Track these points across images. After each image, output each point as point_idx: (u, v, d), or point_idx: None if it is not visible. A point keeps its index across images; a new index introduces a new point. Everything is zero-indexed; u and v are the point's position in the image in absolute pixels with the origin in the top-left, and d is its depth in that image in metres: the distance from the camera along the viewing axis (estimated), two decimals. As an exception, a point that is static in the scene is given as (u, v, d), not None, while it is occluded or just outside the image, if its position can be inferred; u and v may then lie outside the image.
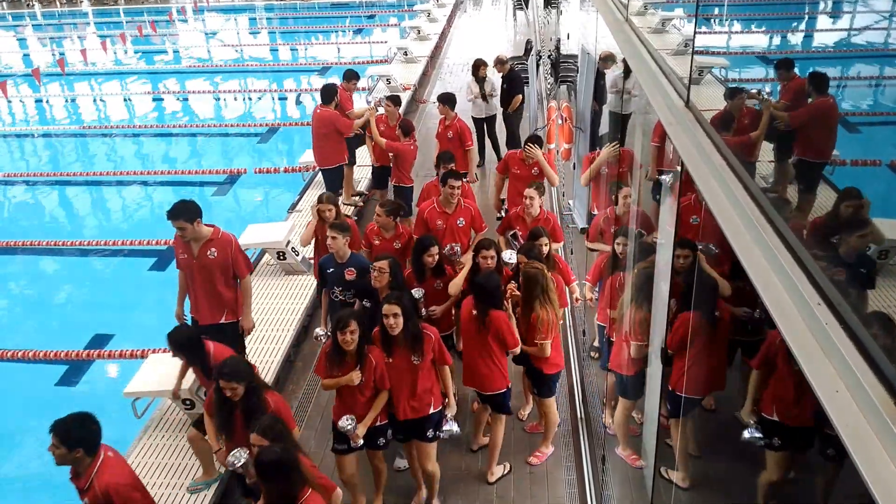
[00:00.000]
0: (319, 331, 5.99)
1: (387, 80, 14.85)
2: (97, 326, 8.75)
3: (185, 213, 6.28)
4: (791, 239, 2.32)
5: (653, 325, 4.02)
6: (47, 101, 18.26)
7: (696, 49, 3.60)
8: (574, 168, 9.17)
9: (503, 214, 8.24)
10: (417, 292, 5.88)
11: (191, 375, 6.10)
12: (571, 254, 8.75)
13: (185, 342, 5.41)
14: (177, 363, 6.57)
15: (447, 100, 9.36)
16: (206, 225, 6.39)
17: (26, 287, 10.25)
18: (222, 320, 6.40)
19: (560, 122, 9.21)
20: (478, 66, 10.82)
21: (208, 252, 6.31)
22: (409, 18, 20.25)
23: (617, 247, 5.58)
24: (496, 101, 10.97)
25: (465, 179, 9.08)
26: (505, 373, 5.58)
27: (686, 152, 3.21)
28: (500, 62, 11.08)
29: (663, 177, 3.67)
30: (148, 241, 10.27)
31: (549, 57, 13.97)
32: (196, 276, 6.42)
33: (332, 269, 6.23)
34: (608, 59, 6.71)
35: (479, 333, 5.43)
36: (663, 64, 4.34)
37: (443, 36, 20.32)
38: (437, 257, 6.09)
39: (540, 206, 6.79)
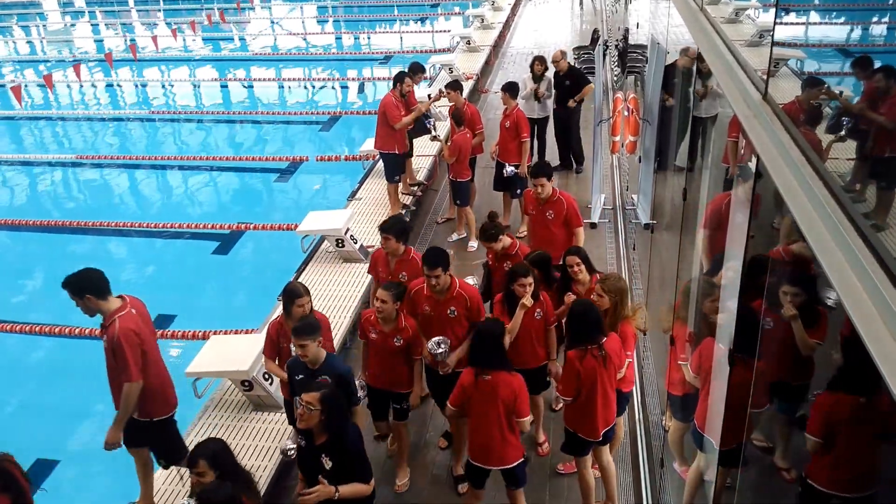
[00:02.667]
0: (289, 443, 5.10)
1: (449, 69, 14.78)
2: (160, 307, 8.86)
3: (71, 286, 5.40)
4: (874, 240, 2.18)
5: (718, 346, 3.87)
6: (118, 86, 18.76)
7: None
8: (639, 161, 8.97)
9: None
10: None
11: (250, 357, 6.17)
12: (634, 249, 8.58)
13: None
14: (239, 344, 6.69)
15: (510, 88, 9.25)
16: (114, 297, 5.41)
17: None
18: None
19: (626, 114, 9.01)
20: (533, 64, 10.42)
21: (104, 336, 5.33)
22: (472, 7, 20.12)
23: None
24: (551, 102, 10.58)
25: (516, 170, 9.05)
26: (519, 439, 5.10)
27: (763, 146, 3.08)
28: (556, 59, 10.56)
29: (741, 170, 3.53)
30: (212, 225, 10.45)
31: (616, 47, 13.71)
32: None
33: (301, 377, 5.02)
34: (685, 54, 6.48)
35: (490, 397, 4.85)
36: (739, 55, 4.18)
37: (507, 25, 20.11)
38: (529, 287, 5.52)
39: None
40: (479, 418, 4.91)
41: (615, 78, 12.54)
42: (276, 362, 5.69)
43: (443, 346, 5.42)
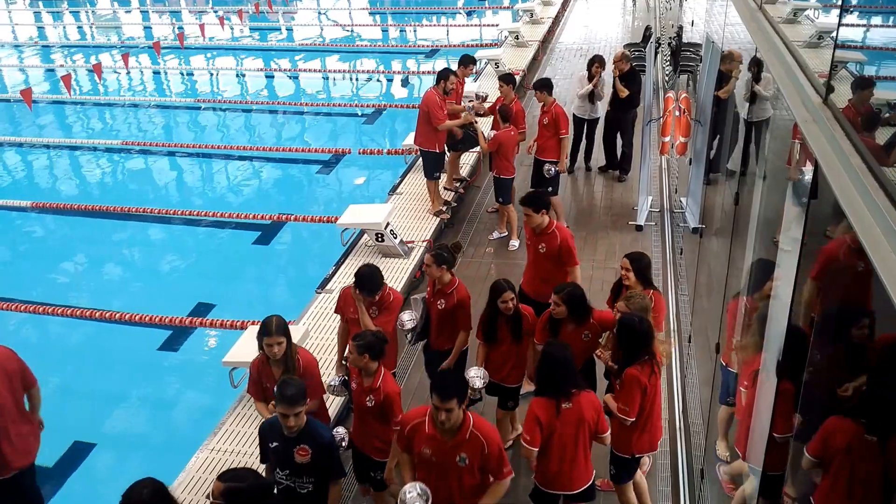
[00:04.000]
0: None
1: (495, 63, 14.62)
2: (200, 295, 8.96)
3: None
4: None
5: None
6: (165, 74, 18.96)
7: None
8: (690, 164, 8.74)
9: None
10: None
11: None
12: (681, 254, 8.36)
13: None
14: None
15: (544, 85, 9.06)
16: None
17: (136, 252, 10.63)
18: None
19: (677, 113, 8.76)
20: (592, 63, 10.08)
21: None
22: (522, 1, 19.85)
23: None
24: (603, 104, 10.37)
25: (556, 167, 8.89)
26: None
27: (822, 152, 2.90)
28: (620, 59, 10.20)
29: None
30: (253, 216, 10.46)
31: (668, 45, 13.41)
32: None
33: (276, 444, 4.44)
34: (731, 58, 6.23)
35: (577, 423, 4.63)
36: (799, 57, 3.98)
37: (556, 20, 19.83)
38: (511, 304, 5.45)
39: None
40: (562, 448, 4.66)
41: (667, 77, 12.25)
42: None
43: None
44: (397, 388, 4.97)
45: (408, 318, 5.98)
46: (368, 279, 5.60)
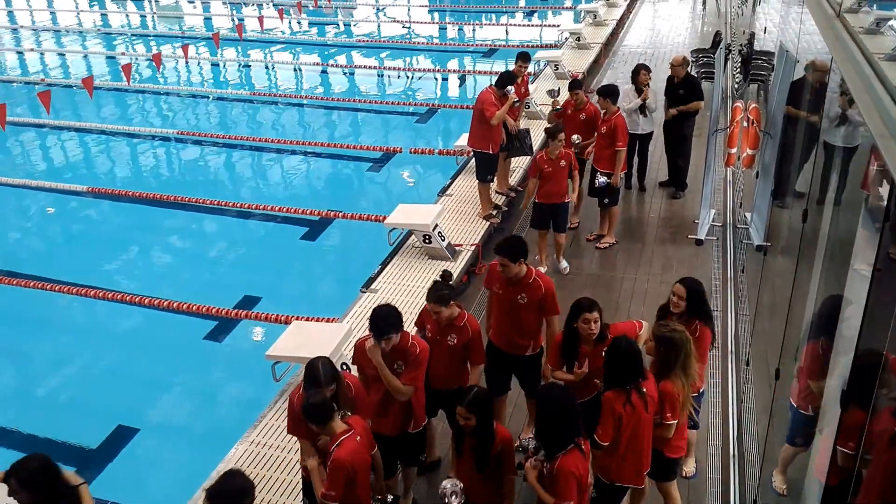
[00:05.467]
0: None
1: (554, 65, 14.36)
2: (247, 288, 8.95)
3: None
4: None
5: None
6: (223, 65, 19.13)
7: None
8: (756, 177, 8.39)
9: None
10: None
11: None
12: (743, 272, 8.03)
13: None
14: (320, 332, 6.54)
15: (609, 93, 8.78)
16: None
17: (186, 242, 10.68)
18: None
19: (745, 124, 8.42)
20: (638, 72, 9.58)
21: None
22: (585, 2, 19.53)
23: None
24: (656, 116, 9.95)
25: (609, 180, 8.61)
26: None
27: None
28: (677, 64, 9.81)
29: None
30: (302, 211, 10.40)
31: (739, 52, 12.99)
32: None
33: None
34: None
35: (648, 410, 4.57)
36: (879, 69, 3.70)
37: (620, 22, 19.46)
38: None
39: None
40: (634, 440, 4.58)
41: (736, 85, 11.86)
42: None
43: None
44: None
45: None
46: (380, 318, 4.77)
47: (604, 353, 4.92)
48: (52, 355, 8.18)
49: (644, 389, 4.54)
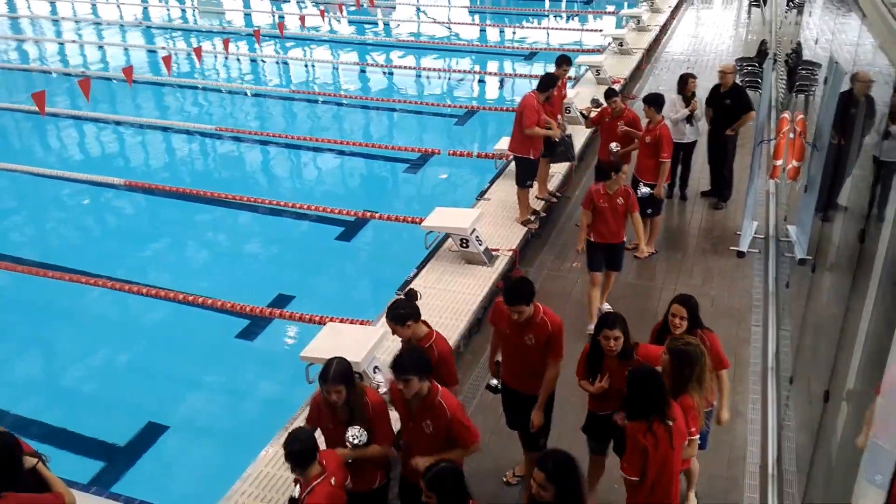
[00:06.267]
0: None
1: (596, 70, 14.17)
2: (280, 286, 8.90)
3: None
4: None
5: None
6: (262, 62, 19.20)
7: None
8: (805, 191, 8.14)
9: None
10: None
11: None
12: (787, 287, 7.80)
13: None
14: (354, 334, 6.48)
15: (654, 101, 8.60)
16: None
17: (221, 238, 10.67)
18: None
19: (791, 136, 8.18)
20: (685, 81, 9.47)
21: None
22: (628, 7, 19.31)
23: None
24: (699, 124, 9.79)
25: (652, 191, 8.44)
26: None
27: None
28: (727, 71, 9.62)
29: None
30: (338, 210, 10.33)
31: (785, 62, 12.70)
32: None
33: None
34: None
35: (675, 439, 4.38)
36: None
37: (664, 28, 19.20)
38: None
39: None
40: (662, 473, 4.37)
41: (781, 96, 11.58)
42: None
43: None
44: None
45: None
46: (405, 356, 4.53)
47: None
48: (84, 348, 8.18)
49: (671, 422, 4.31)
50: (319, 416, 4.69)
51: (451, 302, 7.76)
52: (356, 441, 4.46)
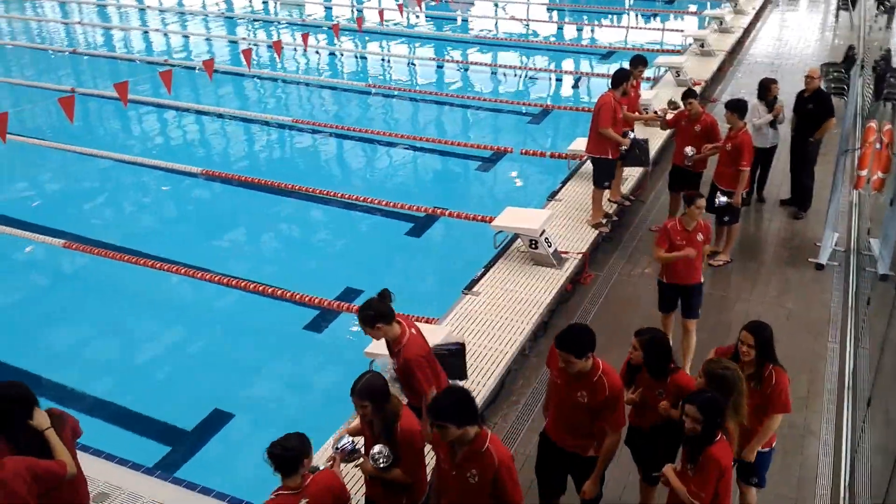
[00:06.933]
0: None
1: (675, 71, 13.85)
2: (348, 280, 8.96)
3: None
4: None
5: None
6: (341, 56, 19.43)
7: None
8: (891, 204, 7.79)
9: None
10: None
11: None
12: (868, 305, 7.48)
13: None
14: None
15: (737, 107, 8.30)
16: None
17: (293, 229, 10.86)
18: None
19: (878, 146, 7.82)
20: (767, 87, 9.23)
21: None
22: (711, 7, 18.80)
23: None
24: (781, 129, 9.49)
25: (730, 199, 8.18)
26: None
27: None
28: (813, 76, 9.31)
29: None
30: (409, 206, 10.38)
31: (873, 68, 12.18)
32: None
33: None
34: None
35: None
36: None
37: (748, 30, 18.64)
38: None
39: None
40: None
41: (868, 104, 11.10)
42: None
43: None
44: None
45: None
46: (442, 398, 4.08)
47: (659, 393, 4.80)
48: (157, 332, 8.42)
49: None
50: (362, 426, 4.60)
51: (517, 303, 7.71)
52: (380, 462, 4.25)
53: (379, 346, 6.36)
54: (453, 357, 5.83)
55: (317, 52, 19.42)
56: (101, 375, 7.63)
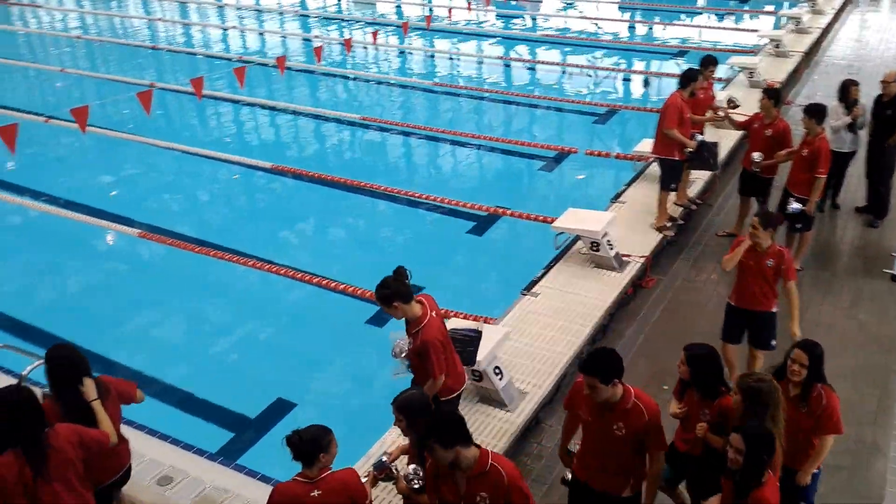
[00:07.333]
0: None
1: (749, 72, 13.51)
2: (411, 276, 9.03)
3: None
4: None
5: None
6: (409, 53, 19.58)
7: None
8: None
9: None
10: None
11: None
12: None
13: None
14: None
15: (815, 112, 7.98)
16: None
17: (359, 224, 10.98)
18: None
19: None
20: (848, 88, 8.88)
21: None
22: (788, 7, 18.25)
23: None
24: (863, 133, 9.16)
25: (803, 206, 7.88)
26: None
27: None
28: (889, 80, 8.94)
29: None
30: (471, 205, 10.43)
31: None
32: None
33: None
34: None
35: None
36: None
37: (826, 31, 18.03)
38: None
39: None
40: None
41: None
42: None
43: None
44: None
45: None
46: (438, 422, 3.97)
47: (703, 414, 4.65)
48: (226, 321, 8.65)
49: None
50: (409, 442, 4.61)
51: (576, 305, 7.68)
52: (413, 483, 4.17)
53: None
54: (469, 342, 5.81)
55: (386, 50, 19.61)
56: (171, 361, 7.88)
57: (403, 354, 5.05)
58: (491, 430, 6.17)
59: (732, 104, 9.32)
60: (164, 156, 12.90)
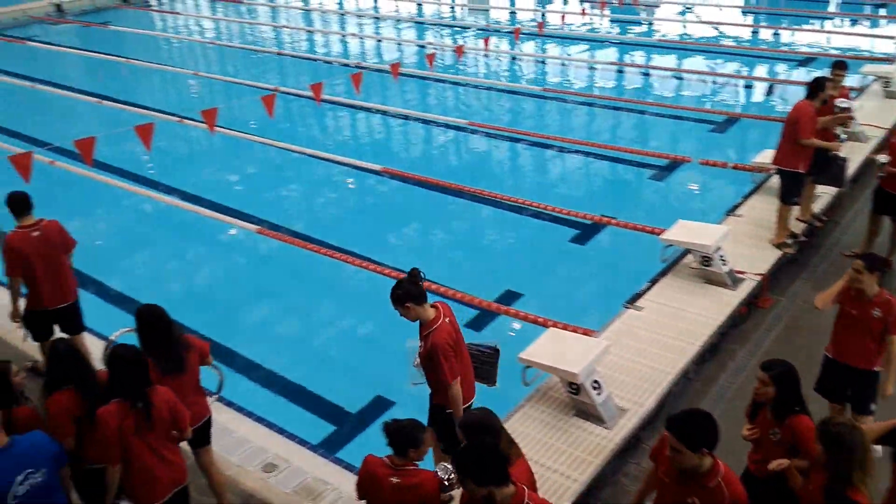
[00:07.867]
0: None
1: (885, 81, 12.68)
2: (509, 282, 9.00)
3: None
4: None
5: None
6: (519, 59, 19.51)
7: None
8: None
9: None
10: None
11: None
12: None
13: None
14: (575, 343, 6.38)
15: None
16: None
17: (462, 229, 11.01)
18: None
19: None
20: None
21: None
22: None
23: None
24: None
25: None
26: None
27: None
28: None
29: None
30: (576, 213, 10.25)
31: None
32: None
33: None
34: None
35: None
36: None
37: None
38: None
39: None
40: None
41: None
42: None
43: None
44: None
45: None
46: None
47: (772, 433, 4.38)
48: (333, 317, 8.92)
49: None
50: None
51: (683, 323, 7.40)
52: (444, 480, 4.18)
53: (532, 354, 6.34)
54: (486, 360, 5.73)
55: (497, 57, 19.63)
56: (281, 352, 8.17)
57: (416, 362, 5.14)
58: (587, 445, 6.03)
59: (880, 165, 8.56)
60: (284, 156, 13.37)
